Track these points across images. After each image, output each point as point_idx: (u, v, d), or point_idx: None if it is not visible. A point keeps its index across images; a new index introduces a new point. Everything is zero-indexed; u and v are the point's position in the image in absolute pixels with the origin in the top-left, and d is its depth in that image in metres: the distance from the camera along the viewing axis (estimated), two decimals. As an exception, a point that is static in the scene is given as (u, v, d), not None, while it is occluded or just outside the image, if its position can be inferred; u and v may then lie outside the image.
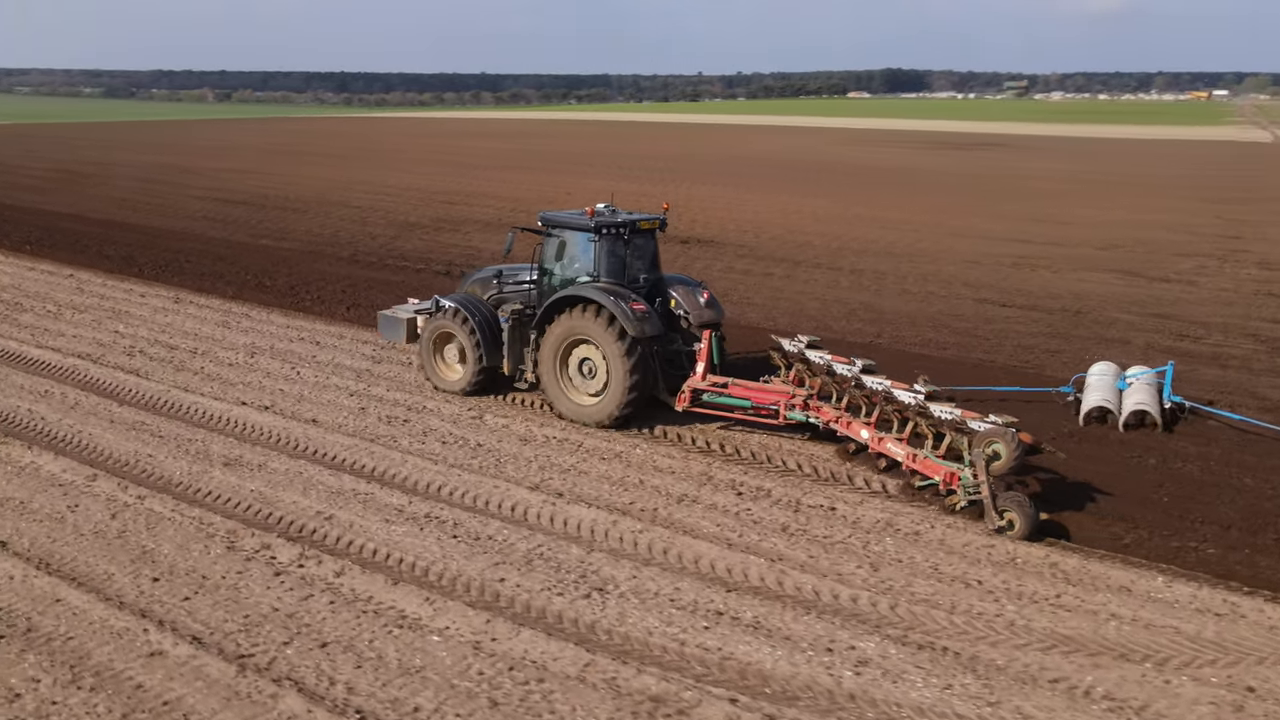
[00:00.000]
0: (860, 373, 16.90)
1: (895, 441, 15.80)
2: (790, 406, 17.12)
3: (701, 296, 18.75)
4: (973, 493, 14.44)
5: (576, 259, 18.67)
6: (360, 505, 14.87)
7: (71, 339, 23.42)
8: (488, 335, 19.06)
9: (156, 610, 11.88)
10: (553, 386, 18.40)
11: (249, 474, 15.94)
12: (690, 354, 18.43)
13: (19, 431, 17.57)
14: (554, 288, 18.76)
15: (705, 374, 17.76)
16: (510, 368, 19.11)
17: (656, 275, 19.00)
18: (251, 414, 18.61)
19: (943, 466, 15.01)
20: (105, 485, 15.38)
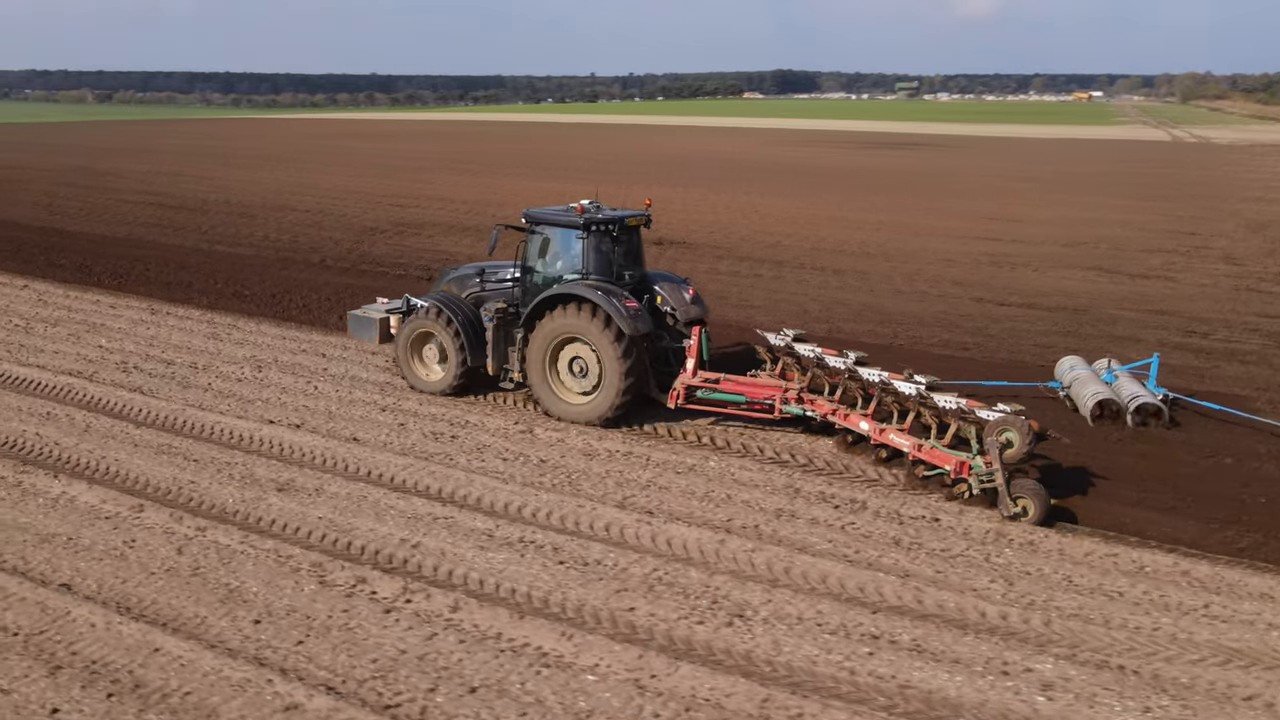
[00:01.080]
0: (854, 365, 16.93)
1: (898, 432, 15.75)
2: (785, 400, 17.02)
3: (687, 293, 18.62)
4: (985, 480, 14.51)
5: (563, 256, 18.29)
6: (444, 531, 13.86)
7: (54, 355, 21.76)
8: (470, 335, 18.61)
9: (271, 657, 10.76)
10: (541, 386, 18.02)
11: (309, 500, 14.78)
12: (678, 351, 18.23)
13: (37, 459, 16.13)
14: (539, 285, 18.37)
15: (696, 370, 17.55)
16: (495, 368, 18.64)
17: (641, 272, 18.74)
18: (284, 433, 17.38)
19: (953, 455, 14.97)
20: (156, 516, 14.10)
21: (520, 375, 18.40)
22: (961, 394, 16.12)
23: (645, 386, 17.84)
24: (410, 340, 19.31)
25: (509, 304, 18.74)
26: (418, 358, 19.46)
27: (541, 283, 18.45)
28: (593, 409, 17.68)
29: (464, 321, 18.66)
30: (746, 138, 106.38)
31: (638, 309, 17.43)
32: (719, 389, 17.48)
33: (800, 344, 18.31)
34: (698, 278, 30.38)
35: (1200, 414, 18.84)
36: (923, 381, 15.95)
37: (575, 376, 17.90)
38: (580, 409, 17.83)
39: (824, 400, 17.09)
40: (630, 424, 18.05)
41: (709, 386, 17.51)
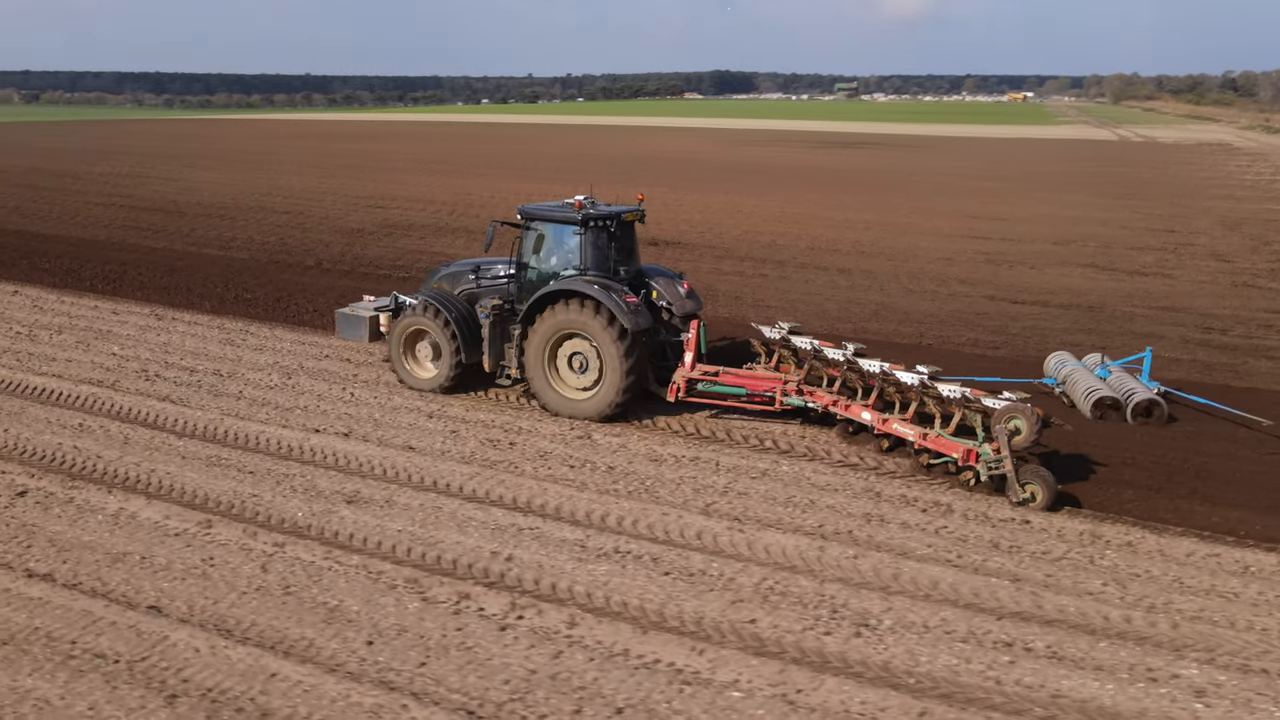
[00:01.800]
0: (853, 356, 17.05)
1: (902, 422, 15.94)
2: (785, 392, 17.23)
3: (682, 287, 18.80)
4: (994, 467, 14.73)
5: (560, 252, 18.30)
6: (534, 542, 13.38)
7: (67, 364, 20.88)
8: (466, 332, 18.53)
9: (397, 680, 10.26)
10: (540, 381, 18.00)
11: (383, 512, 14.22)
12: (675, 345, 18.36)
13: (83, 473, 15.40)
14: (535, 281, 18.40)
15: (694, 364, 17.66)
16: (491, 364, 18.65)
17: (637, 267, 18.81)
18: (335, 442, 16.76)
19: (959, 444, 15.15)
20: (228, 532, 13.47)
21: (518, 371, 18.35)
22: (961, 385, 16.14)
23: (645, 381, 17.87)
24: (403, 338, 19.21)
25: (504, 300, 18.67)
26: (410, 355, 19.38)
27: (537, 279, 18.42)
28: (594, 404, 17.67)
29: (458, 318, 18.54)
30: (706, 137, 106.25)
31: (638, 304, 17.49)
32: (719, 382, 17.59)
33: (795, 336, 18.31)
34: (705, 277, 30.20)
35: (1191, 408, 18.86)
36: (925, 371, 16.08)
37: (575, 372, 17.90)
38: (580, 404, 17.80)
39: (823, 391, 17.23)
40: (630, 419, 18.09)
41: (709, 379, 17.58)
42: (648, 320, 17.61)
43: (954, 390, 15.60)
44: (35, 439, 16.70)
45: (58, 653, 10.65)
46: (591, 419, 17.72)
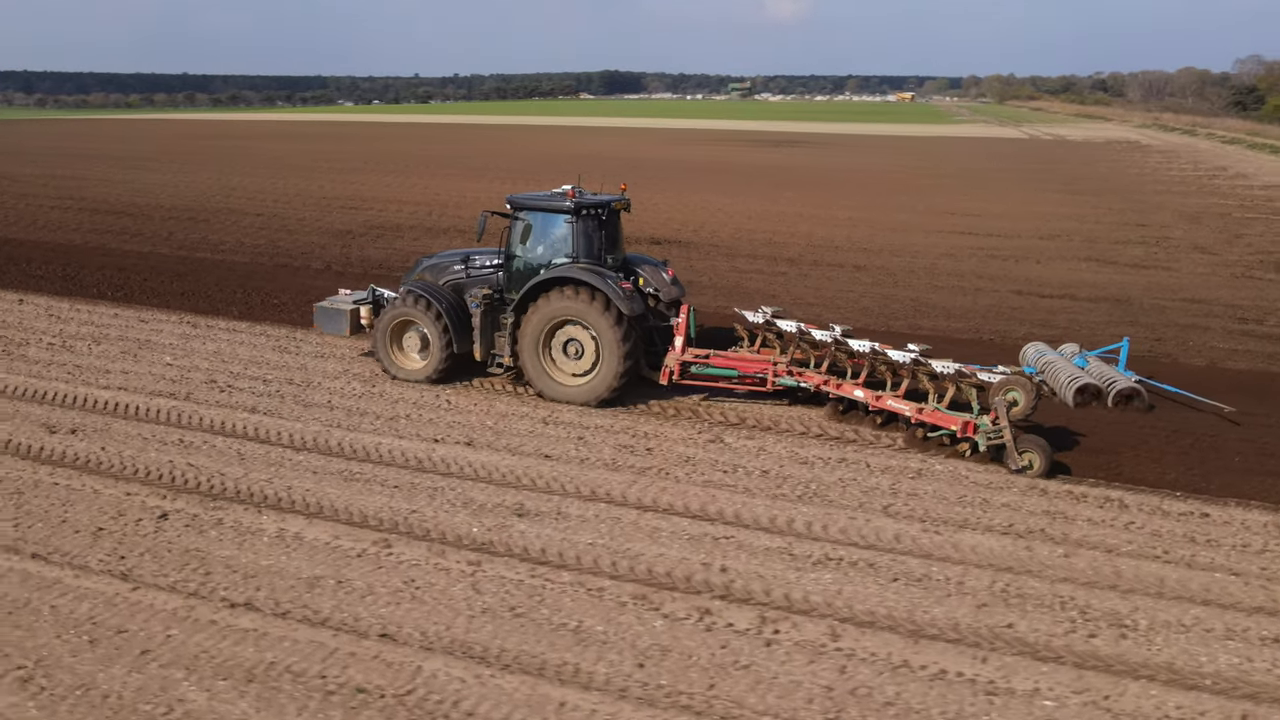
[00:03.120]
0: (841, 336, 17.62)
1: (895, 398, 16.68)
2: (776, 374, 17.74)
3: (667, 274, 19.19)
4: (993, 437, 15.44)
5: (551, 241, 18.54)
6: (739, 551, 12.97)
7: (124, 375, 19.66)
8: (456, 322, 18.64)
9: (694, 703, 9.84)
10: (535, 369, 18.27)
11: (560, 524, 13.62)
12: (663, 330, 18.81)
13: (218, 493, 14.51)
14: (525, 270, 18.59)
15: (684, 348, 18.08)
16: (483, 353, 18.80)
17: (623, 255, 19.24)
18: (463, 452, 16.06)
19: (956, 416, 15.93)
20: (411, 551, 12.74)
21: (510, 360, 18.59)
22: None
23: (640, 366, 18.18)
24: (390, 330, 19.16)
25: (493, 290, 18.82)
26: (397, 347, 19.33)
27: (527, 268, 18.61)
28: (590, 390, 17.97)
29: (448, 309, 18.61)
30: (639, 137, 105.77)
31: (632, 290, 17.83)
32: (711, 364, 18.05)
33: (780, 320, 18.71)
34: (726, 276, 30.15)
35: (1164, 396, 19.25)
36: (915, 350, 16.72)
37: (570, 359, 18.14)
38: (576, 390, 18.10)
39: (813, 372, 17.74)
40: (624, 404, 18.35)
41: (702, 362, 18.03)
42: (641, 306, 17.98)
43: (947, 366, 16.33)
44: (141, 457, 15.58)
45: (312, 689, 9.82)
46: (588, 404, 18.03)
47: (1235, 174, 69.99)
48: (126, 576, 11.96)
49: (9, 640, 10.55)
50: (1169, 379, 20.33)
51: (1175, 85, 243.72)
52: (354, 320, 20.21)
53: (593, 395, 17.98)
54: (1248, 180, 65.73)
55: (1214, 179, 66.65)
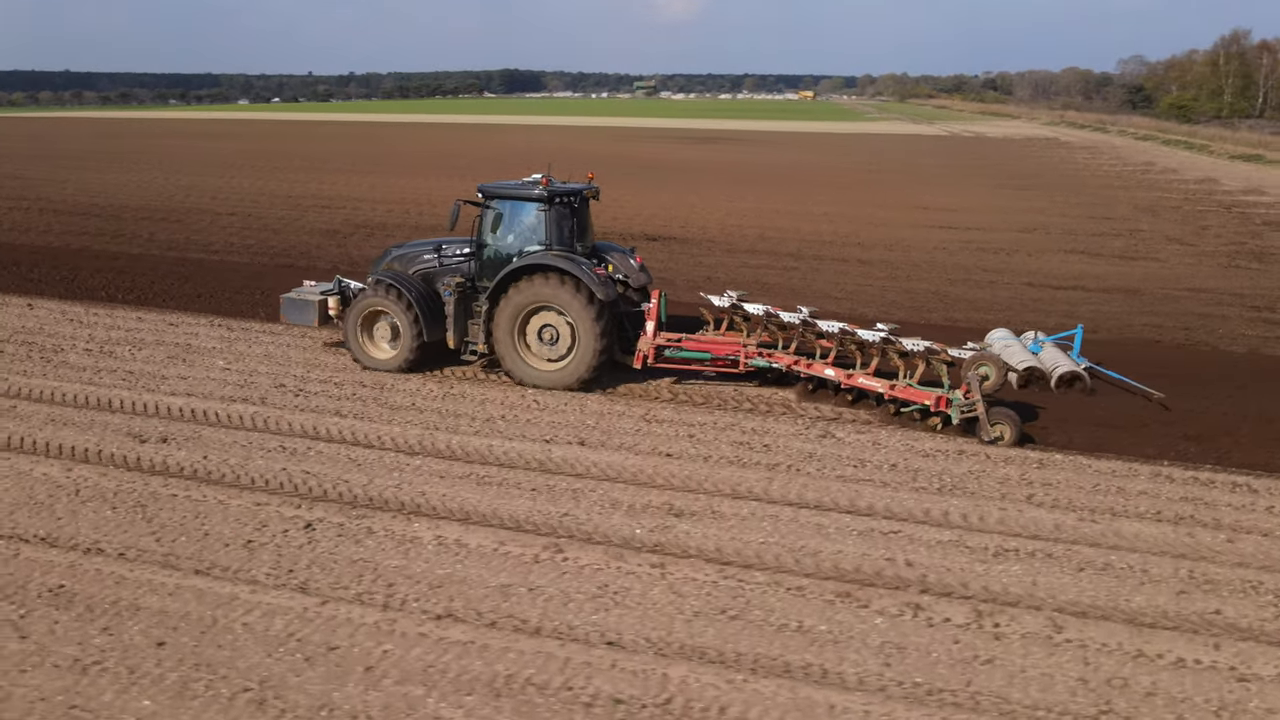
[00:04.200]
0: (809, 317, 18.20)
1: (867, 376, 17.34)
2: (748, 355, 18.25)
3: (634, 261, 19.53)
4: (966, 410, 16.16)
5: (524, 229, 18.75)
6: (914, 545, 12.93)
7: (182, 380, 18.85)
8: (427, 310, 18.76)
9: (964, 700, 9.60)
10: (511, 355, 18.49)
11: (721, 523, 13.43)
12: (633, 315, 19.16)
13: (354, 500, 13.98)
14: (497, 258, 18.78)
15: (657, 332, 18.41)
16: (456, 341, 18.98)
17: (592, 243, 19.53)
18: (581, 452, 15.78)
19: (930, 391, 16.61)
20: (587, 555, 12.46)
21: (485, 347, 18.71)
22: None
23: (613, 350, 18.47)
24: (360, 319, 19.25)
25: (465, 278, 18.93)
26: (367, 336, 19.41)
27: (498, 256, 18.80)
28: (566, 374, 18.26)
29: (419, 297, 18.73)
30: (572, 134, 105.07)
31: (606, 276, 18.15)
32: (685, 348, 18.47)
33: (746, 304, 19.09)
34: (737, 272, 30.30)
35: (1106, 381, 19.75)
36: (884, 329, 17.31)
37: (545, 344, 18.37)
38: (552, 375, 18.36)
39: (782, 353, 18.24)
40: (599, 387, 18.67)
41: (675, 346, 18.42)
42: (615, 292, 18.33)
43: (917, 343, 16.95)
44: (249, 465, 14.91)
45: (566, 701, 9.47)
46: (569, 388, 18.31)
47: (1164, 169, 72.22)
48: (305, 589, 11.38)
49: (218, 660, 9.95)
50: (1217, 369, 20.83)
51: (1061, 84, 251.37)
52: (322, 311, 19.95)
53: (569, 380, 18.21)
54: (1179, 175, 67.90)
55: (1146, 174, 68.65)
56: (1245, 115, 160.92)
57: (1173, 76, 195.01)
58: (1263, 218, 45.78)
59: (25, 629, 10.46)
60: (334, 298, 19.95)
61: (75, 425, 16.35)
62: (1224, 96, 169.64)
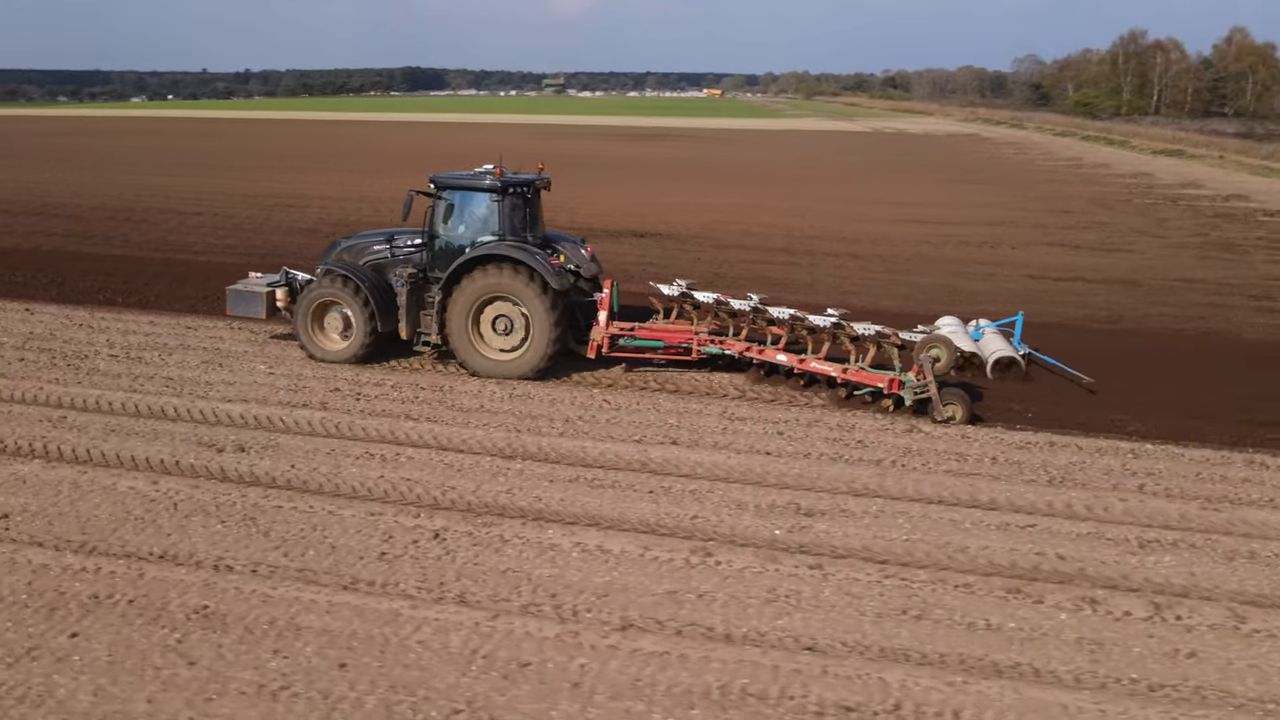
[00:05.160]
0: (759, 304, 18.49)
1: (819, 360, 17.67)
2: (701, 343, 18.45)
3: (585, 250, 19.62)
4: (919, 392, 16.58)
5: (477, 219, 18.73)
6: (1050, 536, 12.93)
7: (229, 386, 18.11)
8: (380, 301, 18.58)
9: (1193, 697, 9.47)
10: (465, 346, 18.41)
11: (855, 520, 13.31)
12: (585, 305, 19.17)
13: (473, 507, 13.52)
14: (451, 249, 18.74)
15: (609, 321, 18.48)
16: (408, 332, 18.91)
17: (543, 233, 19.56)
18: (678, 452, 15.46)
19: (882, 374, 17.04)
20: (739, 558, 12.21)
21: (438, 338, 18.62)
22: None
23: (567, 340, 18.46)
24: (310, 311, 19.01)
25: (417, 269, 18.80)
26: (318, 328, 19.17)
27: (451, 247, 18.74)
28: (521, 364, 18.27)
29: (372, 288, 18.55)
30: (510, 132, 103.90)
31: (560, 266, 18.26)
32: (637, 336, 18.60)
33: (696, 292, 19.34)
34: (740, 268, 30.13)
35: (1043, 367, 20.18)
36: (835, 314, 17.80)
37: (499, 334, 18.37)
38: (507, 365, 18.36)
39: (733, 339, 18.48)
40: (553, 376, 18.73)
41: (629, 335, 18.55)
42: (569, 282, 18.36)
43: (868, 328, 17.35)
44: (344, 473, 14.30)
45: (794, 710, 9.21)
46: (524, 377, 18.29)
47: (1094, 164, 74.00)
48: (466, 602, 10.88)
49: (412, 681, 9.42)
50: (1254, 359, 21.16)
51: (958, 82, 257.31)
52: (270, 303, 19.63)
53: (524, 369, 18.21)
54: (1111, 169, 69.64)
55: (1080, 169, 70.28)
56: (1143, 112, 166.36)
57: (1069, 75, 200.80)
58: (1210, 210, 47.10)
59: (190, 654, 9.76)
60: (282, 289, 19.67)
61: (139, 435, 15.45)
62: (1123, 94, 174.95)
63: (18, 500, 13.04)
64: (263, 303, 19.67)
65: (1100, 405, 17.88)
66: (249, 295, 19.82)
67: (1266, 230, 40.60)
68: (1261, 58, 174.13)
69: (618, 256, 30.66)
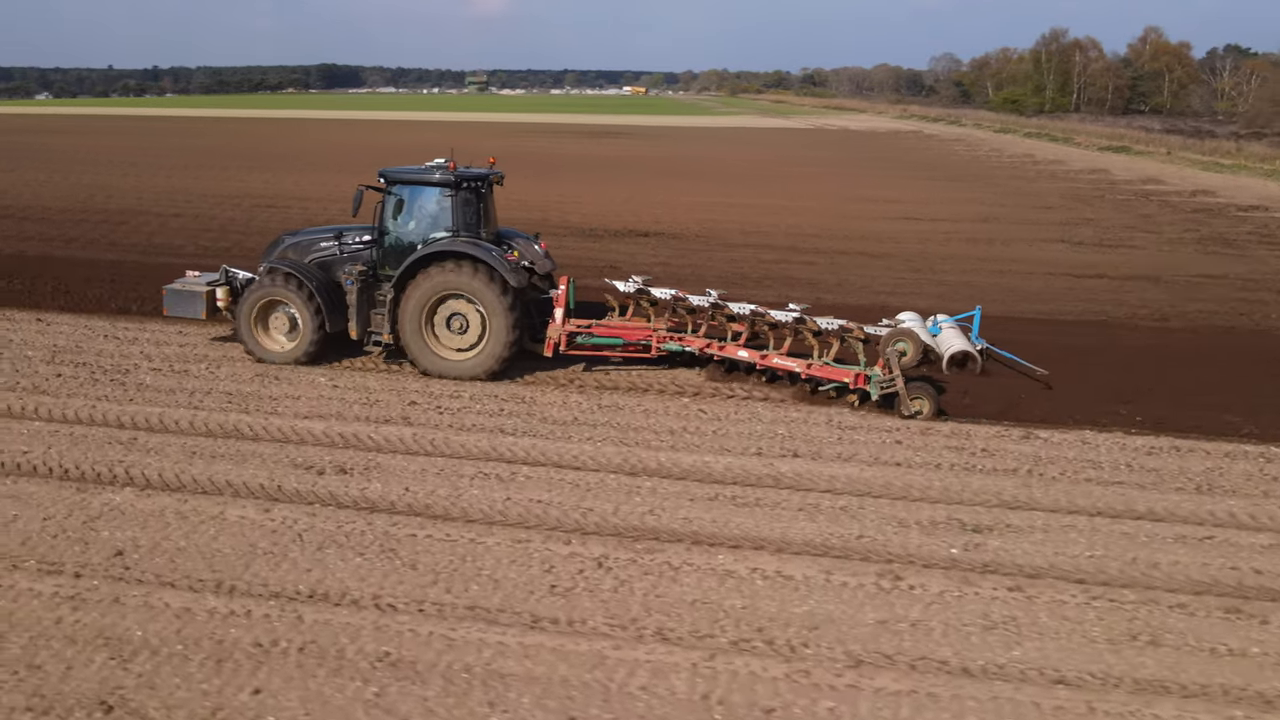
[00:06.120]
0: (718, 299, 18.23)
1: (782, 356, 17.37)
2: (660, 339, 18.09)
3: (539, 246, 19.15)
4: (886, 386, 16.29)
5: (429, 215, 18.14)
6: (1232, 548, 12.46)
7: (297, 401, 16.98)
8: (328, 300, 17.92)
9: None
10: (418, 345, 17.82)
11: (1025, 536, 12.69)
12: (540, 303, 18.70)
13: (622, 531, 12.54)
14: (402, 245, 18.15)
15: (566, 319, 18.06)
16: (358, 331, 18.27)
17: (495, 229, 19.03)
18: (806, 465, 14.74)
19: (848, 369, 16.85)
20: (930, 580, 11.50)
21: (390, 337, 18.02)
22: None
23: (525, 339, 17.89)
24: (254, 310, 18.25)
25: (366, 266, 18.18)
26: (262, 328, 18.41)
27: (400, 243, 18.16)
28: (478, 363, 17.71)
29: (319, 286, 17.89)
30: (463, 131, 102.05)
31: (516, 262, 17.67)
32: (596, 334, 18.19)
33: (653, 289, 19.10)
34: (764, 268, 29.57)
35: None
36: (797, 309, 17.54)
37: (454, 334, 17.77)
38: (461, 365, 17.78)
39: (692, 336, 18.20)
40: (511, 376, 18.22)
41: (586, 333, 18.12)
42: (526, 279, 17.81)
43: (831, 322, 17.21)
44: (471, 496, 13.34)
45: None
46: (478, 378, 17.69)
47: (1050, 160, 74.78)
48: (668, 639, 10.08)
49: (656, 735, 8.46)
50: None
51: (875, 80, 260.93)
52: (210, 303, 18.80)
53: (479, 369, 17.65)
54: (1066, 166, 70.39)
55: (1036, 165, 70.97)
56: (1065, 109, 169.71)
57: (989, 74, 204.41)
58: (1185, 206, 47.59)
59: (396, 710, 8.79)
60: (223, 288, 18.84)
61: (224, 458, 14.25)
62: (1046, 92, 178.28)
63: (125, 534, 11.80)
64: (202, 303, 18.81)
65: (1207, 407, 17.40)
66: (187, 295, 18.92)
67: (1253, 225, 40.93)
68: (1177, 57, 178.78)
69: (630, 258, 29.97)
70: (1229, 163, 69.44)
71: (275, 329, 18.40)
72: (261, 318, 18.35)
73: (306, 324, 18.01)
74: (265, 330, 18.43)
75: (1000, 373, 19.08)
